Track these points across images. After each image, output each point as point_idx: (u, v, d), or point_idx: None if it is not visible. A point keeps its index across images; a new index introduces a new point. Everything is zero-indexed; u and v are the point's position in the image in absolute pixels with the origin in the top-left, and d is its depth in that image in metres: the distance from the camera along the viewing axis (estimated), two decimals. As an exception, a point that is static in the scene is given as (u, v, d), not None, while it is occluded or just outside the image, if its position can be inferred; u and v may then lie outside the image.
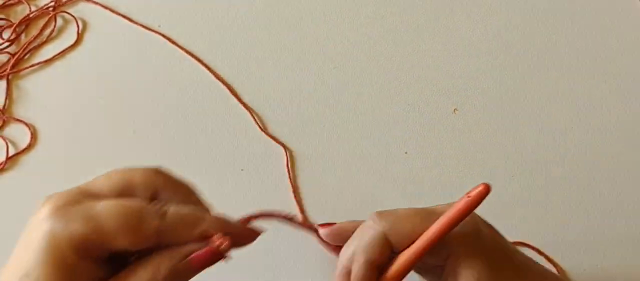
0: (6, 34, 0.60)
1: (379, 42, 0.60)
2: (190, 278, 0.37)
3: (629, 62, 0.59)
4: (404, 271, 0.41)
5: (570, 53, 0.59)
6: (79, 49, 0.60)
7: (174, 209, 0.36)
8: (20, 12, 0.61)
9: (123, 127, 0.57)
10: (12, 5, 0.62)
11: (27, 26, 0.61)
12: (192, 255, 0.36)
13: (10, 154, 0.56)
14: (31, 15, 0.61)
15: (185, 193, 0.38)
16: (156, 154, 0.57)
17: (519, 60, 0.59)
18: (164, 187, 0.38)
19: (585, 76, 0.58)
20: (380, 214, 0.40)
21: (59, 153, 0.57)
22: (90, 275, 0.35)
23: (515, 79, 0.58)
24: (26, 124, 0.57)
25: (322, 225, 0.44)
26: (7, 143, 0.56)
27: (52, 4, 0.61)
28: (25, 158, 0.56)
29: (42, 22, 0.61)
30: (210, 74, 0.59)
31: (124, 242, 0.35)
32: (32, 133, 0.57)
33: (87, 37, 0.60)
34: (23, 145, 0.57)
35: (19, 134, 0.57)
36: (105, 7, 0.61)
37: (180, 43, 0.60)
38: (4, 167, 0.56)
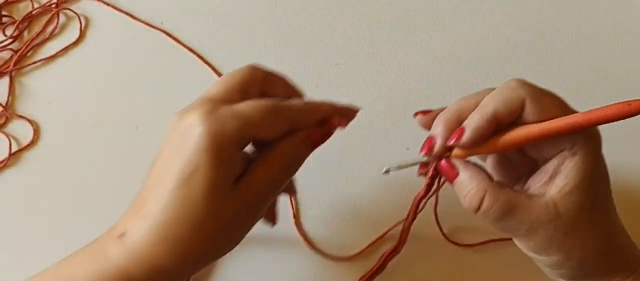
0: (9, 31, 0.61)
1: (380, 40, 0.60)
2: (308, 156, 0.45)
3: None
4: (521, 141, 0.41)
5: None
6: (82, 46, 0.60)
7: (296, 101, 0.45)
8: (23, 8, 0.62)
9: (126, 123, 0.58)
10: (15, 2, 0.62)
11: (29, 23, 0.61)
12: (313, 135, 0.45)
13: (13, 150, 0.56)
14: (34, 12, 0.61)
15: (283, 81, 0.47)
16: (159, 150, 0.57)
17: (527, 52, 0.59)
18: (265, 78, 0.46)
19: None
20: (525, 82, 0.41)
21: (61, 149, 0.57)
22: (240, 165, 0.42)
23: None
24: (29, 121, 0.57)
25: (419, 113, 0.45)
26: (9, 140, 0.57)
27: (55, 0, 0.61)
28: (28, 155, 0.57)
29: (44, 19, 0.61)
30: (211, 71, 0.59)
31: (268, 132, 0.43)
32: (34, 130, 0.57)
33: (89, 33, 0.61)
34: (26, 141, 0.57)
35: (21, 130, 0.57)
36: (108, 4, 0.61)
37: (182, 40, 0.60)
38: (6, 163, 0.56)
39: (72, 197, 0.55)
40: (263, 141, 0.44)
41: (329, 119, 0.46)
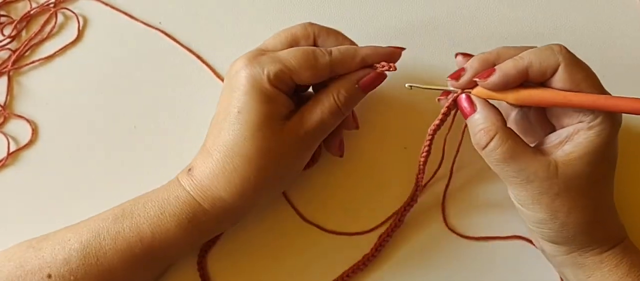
0: (7, 31, 0.60)
1: (379, 40, 0.60)
2: (360, 98, 0.50)
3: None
4: (543, 102, 0.44)
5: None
6: (80, 46, 0.60)
7: (336, 48, 0.49)
8: (21, 8, 0.61)
9: (124, 123, 0.58)
10: (13, 2, 0.62)
11: (28, 23, 0.61)
12: (362, 79, 0.49)
13: (12, 150, 0.56)
14: (32, 12, 0.61)
15: (336, 35, 0.51)
16: (157, 149, 0.57)
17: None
18: (319, 33, 0.50)
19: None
20: (566, 49, 0.44)
21: (60, 149, 0.57)
22: (285, 104, 0.47)
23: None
24: (27, 120, 0.57)
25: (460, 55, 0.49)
26: (8, 140, 0.57)
27: (53, 0, 0.61)
28: (27, 154, 0.57)
29: (43, 19, 0.61)
30: (210, 71, 0.59)
31: (306, 75, 0.47)
32: (33, 130, 0.57)
33: (87, 33, 0.60)
34: (24, 141, 0.57)
35: (20, 130, 0.57)
36: (106, 4, 0.61)
37: (181, 40, 0.60)
38: (5, 162, 0.56)
39: (71, 197, 0.55)
40: (310, 85, 0.49)
41: (370, 65, 0.49)
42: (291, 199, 0.55)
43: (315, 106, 0.48)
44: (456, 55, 0.49)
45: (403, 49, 0.51)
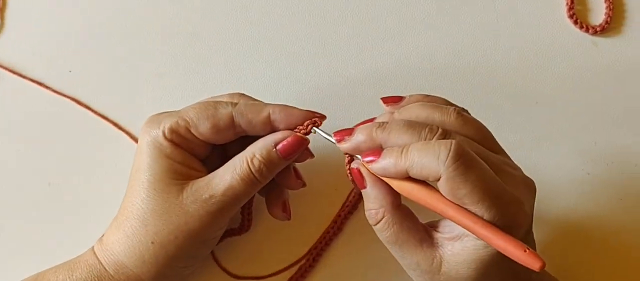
0: None
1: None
2: (281, 166, 0.45)
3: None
4: (422, 204, 0.40)
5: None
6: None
7: (242, 101, 0.46)
8: None
9: (38, 179, 0.55)
10: None
11: None
12: (281, 143, 0.44)
13: None
14: None
15: (260, 104, 0.46)
16: (72, 205, 0.55)
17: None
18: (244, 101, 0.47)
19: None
20: (456, 156, 0.37)
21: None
22: (183, 161, 0.45)
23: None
24: None
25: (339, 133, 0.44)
26: None
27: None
28: None
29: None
30: (122, 132, 0.56)
31: (205, 126, 0.44)
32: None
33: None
34: None
35: None
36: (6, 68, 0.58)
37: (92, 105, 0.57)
38: None
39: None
40: (217, 142, 0.46)
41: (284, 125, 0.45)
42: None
43: (226, 169, 0.44)
44: (382, 99, 0.46)
45: (323, 116, 0.46)
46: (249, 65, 0.58)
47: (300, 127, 0.45)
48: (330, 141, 0.44)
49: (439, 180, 0.38)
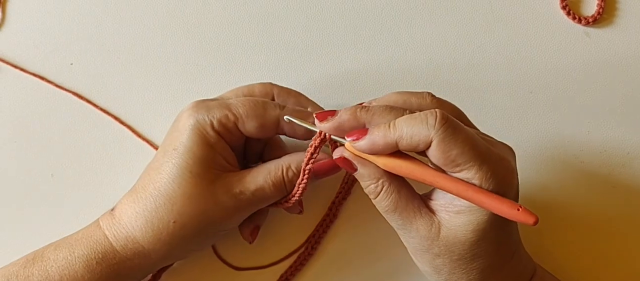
0: None
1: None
2: (313, 181, 0.46)
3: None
4: (413, 177, 0.41)
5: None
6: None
7: (291, 105, 0.47)
8: None
9: (40, 171, 0.56)
10: None
11: None
12: (318, 162, 0.45)
13: None
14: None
15: (296, 96, 0.49)
16: (74, 197, 0.56)
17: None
18: (279, 93, 0.49)
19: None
20: (443, 120, 0.39)
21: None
22: (224, 154, 0.45)
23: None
24: None
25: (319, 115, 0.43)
26: None
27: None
28: None
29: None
30: (123, 126, 0.57)
31: (252, 124, 0.45)
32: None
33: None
34: None
35: None
36: (6, 62, 0.58)
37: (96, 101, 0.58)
38: None
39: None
40: (259, 139, 0.48)
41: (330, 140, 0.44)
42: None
43: (260, 171, 0.46)
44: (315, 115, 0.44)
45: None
46: (253, 57, 0.58)
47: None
48: (307, 127, 0.45)
49: (429, 146, 0.39)
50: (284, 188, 0.46)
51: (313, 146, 0.44)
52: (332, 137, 0.43)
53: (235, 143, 0.47)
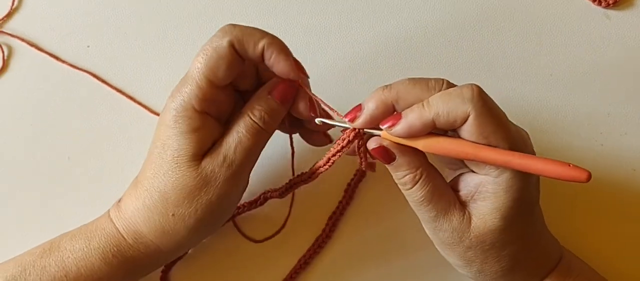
0: None
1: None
2: (282, 112, 0.45)
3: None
4: (451, 154, 0.40)
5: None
6: (6, 76, 0.57)
7: (236, 28, 0.43)
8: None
9: (57, 154, 0.56)
10: None
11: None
12: (274, 89, 0.44)
13: None
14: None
15: (255, 35, 0.44)
16: (91, 179, 0.55)
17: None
18: (241, 36, 0.43)
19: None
20: (478, 95, 0.39)
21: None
22: (211, 131, 0.44)
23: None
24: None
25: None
26: None
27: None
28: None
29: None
30: (137, 105, 0.57)
31: (219, 74, 0.43)
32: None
33: (13, 63, 0.57)
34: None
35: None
36: (23, 40, 0.58)
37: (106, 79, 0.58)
38: None
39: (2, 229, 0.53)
40: (240, 84, 0.46)
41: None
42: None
43: (232, 130, 0.44)
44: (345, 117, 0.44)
45: (305, 75, 0.46)
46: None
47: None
48: (339, 126, 0.44)
49: (465, 121, 0.39)
50: (259, 129, 0.44)
51: (346, 140, 0.43)
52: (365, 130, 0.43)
53: (223, 106, 0.45)
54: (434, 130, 0.40)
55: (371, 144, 0.42)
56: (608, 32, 0.59)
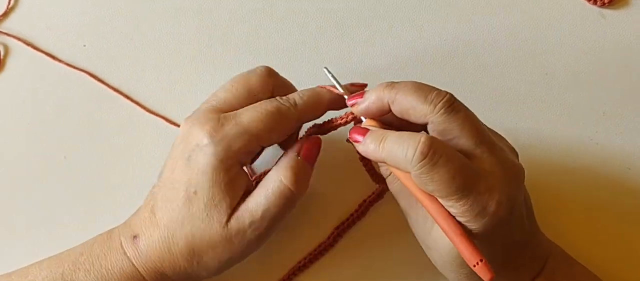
0: None
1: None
2: (310, 170, 0.45)
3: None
4: (405, 185, 0.41)
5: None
6: (3, 75, 0.57)
7: (297, 96, 0.44)
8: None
9: (54, 153, 0.55)
10: None
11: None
12: (301, 151, 0.44)
13: None
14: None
15: (291, 87, 0.47)
16: (88, 179, 0.55)
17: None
18: (276, 84, 0.46)
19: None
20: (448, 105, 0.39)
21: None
22: (242, 185, 0.44)
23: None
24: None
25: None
26: None
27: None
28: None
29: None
30: (136, 106, 0.57)
31: (274, 138, 0.44)
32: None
33: (10, 62, 0.57)
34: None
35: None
36: (25, 42, 0.58)
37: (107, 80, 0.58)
38: None
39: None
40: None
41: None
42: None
43: (259, 193, 0.43)
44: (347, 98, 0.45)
45: (364, 85, 0.47)
46: (265, 40, 0.58)
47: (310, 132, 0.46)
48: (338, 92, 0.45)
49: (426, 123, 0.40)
50: (291, 193, 0.43)
51: (344, 121, 0.45)
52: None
53: (254, 157, 0.46)
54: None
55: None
56: (603, 31, 0.59)
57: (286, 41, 0.58)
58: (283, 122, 0.43)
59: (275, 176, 0.43)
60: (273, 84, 0.46)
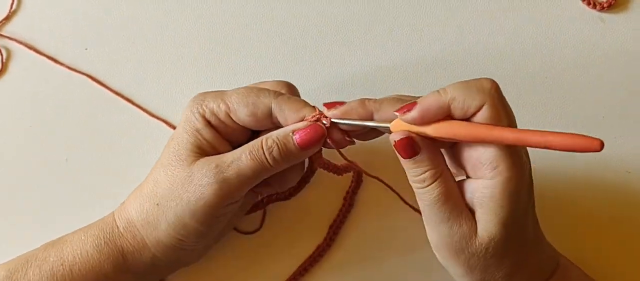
0: None
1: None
2: (296, 156, 0.44)
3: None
4: (462, 134, 0.39)
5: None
6: (5, 78, 0.57)
7: (286, 94, 0.45)
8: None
9: (55, 155, 0.56)
10: None
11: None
12: (298, 132, 0.43)
13: None
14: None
15: (299, 104, 0.45)
16: (89, 182, 0.55)
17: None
18: (287, 91, 0.46)
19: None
20: (493, 89, 0.40)
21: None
22: (214, 141, 0.45)
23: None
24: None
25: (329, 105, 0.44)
26: None
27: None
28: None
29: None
30: (138, 109, 0.57)
31: (243, 113, 0.44)
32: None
33: (12, 65, 0.58)
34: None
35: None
36: (27, 45, 0.58)
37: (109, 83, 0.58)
38: None
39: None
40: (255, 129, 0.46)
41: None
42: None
43: (240, 149, 0.44)
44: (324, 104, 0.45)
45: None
46: (268, 45, 0.58)
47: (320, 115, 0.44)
48: (379, 128, 0.43)
49: (479, 111, 0.39)
50: (263, 160, 0.43)
51: (310, 121, 0.44)
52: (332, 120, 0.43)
53: (235, 135, 0.46)
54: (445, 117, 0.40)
55: (394, 137, 0.41)
56: (603, 35, 0.59)
57: (287, 45, 0.58)
58: (256, 102, 0.44)
59: (260, 139, 0.44)
60: (284, 89, 0.47)
